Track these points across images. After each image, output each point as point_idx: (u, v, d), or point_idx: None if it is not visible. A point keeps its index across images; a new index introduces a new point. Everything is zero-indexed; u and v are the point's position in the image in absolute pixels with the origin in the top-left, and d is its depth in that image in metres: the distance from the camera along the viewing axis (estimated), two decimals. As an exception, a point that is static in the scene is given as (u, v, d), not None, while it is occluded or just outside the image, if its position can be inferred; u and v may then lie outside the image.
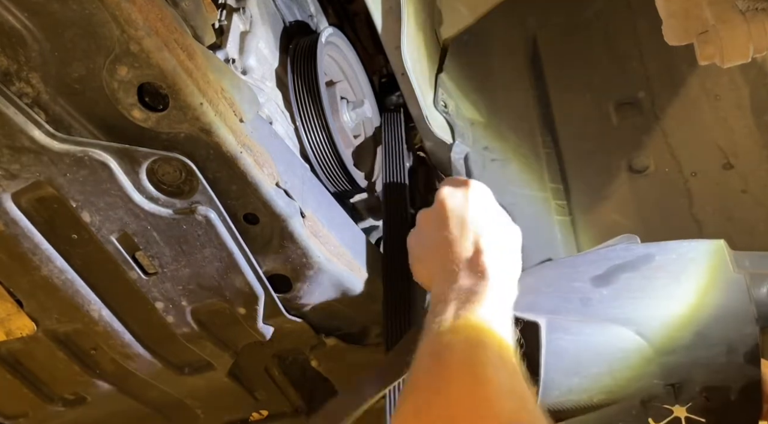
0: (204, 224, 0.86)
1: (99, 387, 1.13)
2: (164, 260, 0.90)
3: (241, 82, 0.95)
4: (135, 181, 0.81)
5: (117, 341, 1.02)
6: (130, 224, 0.85)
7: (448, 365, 0.72)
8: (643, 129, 1.33)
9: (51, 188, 0.81)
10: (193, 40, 0.81)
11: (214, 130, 0.79)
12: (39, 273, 0.90)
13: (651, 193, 1.28)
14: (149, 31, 0.71)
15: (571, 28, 1.44)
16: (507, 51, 1.46)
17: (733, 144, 1.26)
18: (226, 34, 1.04)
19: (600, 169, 1.32)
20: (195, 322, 1.00)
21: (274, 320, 1.01)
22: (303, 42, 1.17)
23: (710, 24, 0.82)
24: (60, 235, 0.88)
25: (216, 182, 0.83)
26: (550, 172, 1.35)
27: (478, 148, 1.36)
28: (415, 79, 1.20)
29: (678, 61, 1.34)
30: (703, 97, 1.31)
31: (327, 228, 0.96)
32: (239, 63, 1.05)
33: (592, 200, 1.31)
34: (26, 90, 0.74)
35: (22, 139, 0.76)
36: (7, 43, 0.70)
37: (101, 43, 0.71)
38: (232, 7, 1.08)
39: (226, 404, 1.28)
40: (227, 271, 0.92)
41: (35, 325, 0.99)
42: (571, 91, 1.40)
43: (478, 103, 1.41)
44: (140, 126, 0.76)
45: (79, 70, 0.73)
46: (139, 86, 0.74)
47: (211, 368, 1.12)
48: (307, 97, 1.11)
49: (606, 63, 1.41)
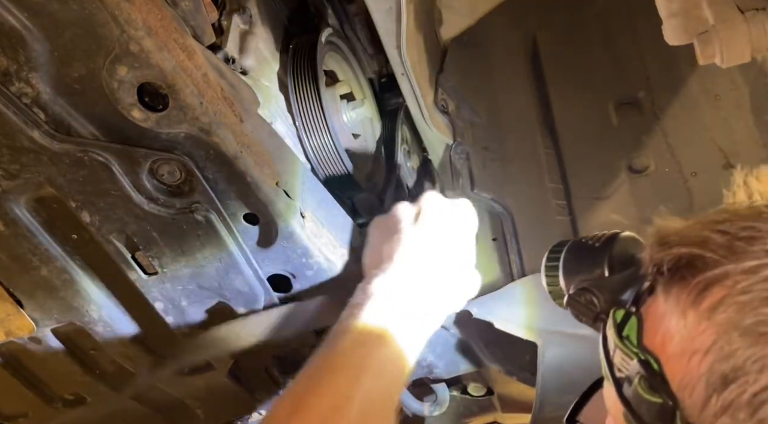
0: (204, 224, 0.86)
1: (99, 387, 1.13)
2: (164, 260, 0.90)
3: (240, 82, 0.96)
4: (135, 181, 0.81)
5: (117, 341, 1.02)
6: (130, 223, 0.85)
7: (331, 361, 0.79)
8: (643, 129, 1.33)
9: (51, 188, 0.81)
10: (193, 40, 0.81)
11: (214, 130, 0.79)
12: (39, 273, 0.90)
13: (651, 193, 1.28)
14: (149, 31, 0.71)
15: (571, 28, 1.44)
16: (507, 51, 1.46)
17: (733, 144, 1.26)
18: (226, 33, 1.04)
19: (600, 169, 1.32)
20: (195, 322, 1.00)
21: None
22: (303, 42, 1.17)
23: (710, 24, 0.82)
24: (60, 235, 0.88)
25: (216, 182, 0.83)
26: (550, 172, 1.35)
27: (478, 148, 1.36)
28: (415, 79, 1.20)
29: (678, 61, 1.34)
30: (703, 97, 1.31)
31: (327, 228, 0.96)
32: (239, 63, 1.05)
33: (592, 200, 1.31)
34: (26, 90, 0.74)
35: (22, 139, 0.76)
36: (7, 43, 0.70)
37: (101, 43, 0.71)
38: (232, 7, 1.08)
39: (226, 404, 1.28)
40: (227, 271, 0.92)
41: (35, 325, 0.99)
42: (571, 91, 1.40)
43: (478, 103, 1.41)
44: (140, 126, 0.76)
45: (79, 70, 0.73)
46: (139, 86, 0.74)
47: (211, 368, 1.12)
48: (307, 98, 1.11)
49: (606, 63, 1.41)
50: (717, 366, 0.49)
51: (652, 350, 0.57)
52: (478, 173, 1.32)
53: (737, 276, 0.51)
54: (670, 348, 0.55)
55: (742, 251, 0.52)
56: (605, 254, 0.76)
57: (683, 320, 0.54)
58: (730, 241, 0.53)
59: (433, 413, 1.39)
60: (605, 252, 0.76)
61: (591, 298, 0.70)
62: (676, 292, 0.55)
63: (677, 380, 0.53)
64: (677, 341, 0.54)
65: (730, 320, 0.50)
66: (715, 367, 0.50)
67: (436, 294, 0.91)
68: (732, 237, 0.53)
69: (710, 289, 0.52)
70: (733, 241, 0.53)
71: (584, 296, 0.71)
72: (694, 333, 0.52)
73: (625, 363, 0.59)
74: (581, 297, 0.71)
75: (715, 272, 0.52)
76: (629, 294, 0.65)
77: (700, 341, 0.51)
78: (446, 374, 1.31)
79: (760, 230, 0.53)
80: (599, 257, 0.76)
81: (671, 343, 0.55)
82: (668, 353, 0.55)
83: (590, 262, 0.77)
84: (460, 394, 1.48)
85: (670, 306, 0.56)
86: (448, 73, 1.37)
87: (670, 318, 0.56)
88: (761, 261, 0.51)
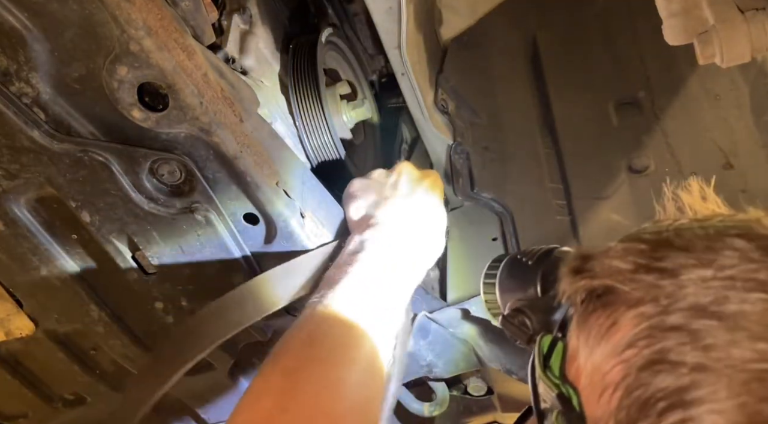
0: (204, 224, 0.86)
1: (99, 387, 1.13)
2: (164, 260, 0.90)
3: (240, 82, 0.96)
4: (135, 181, 0.81)
5: (117, 341, 1.02)
6: (130, 223, 0.85)
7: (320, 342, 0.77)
8: (643, 129, 1.32)
9: (51, 188, 0.81)
10: (193, 39, 0.81)
11: (214, 130, 0.79)
12: (39, 273, 0.90)
13: (651, 193, 1.28)
14: (149, 31, 0.71)
15: (571, 28, 1.44)
16: (507, 51, 1.46)
17: (733, 144, 1.26)
18: (226, 33, 1.05)
19: (600, 169, 1.32)
20: (195, 322, 1.00)
21: (274, 320, 1.01)
22: (303, 42, 1.17)
23: (710, 24, 0.82)
24: (60, 235, 0.88)
25: (216, 182, 0.83)
26: (550, 172, 1.35)
27: (478, 148, 1.36)
28: (415, 79, 1.20)
29: (678, 61, 1.33)
30: (703, 97, 1.31)
31: (327, 228, 0.96)
32: (239, 63, 1.05)
33: (592, 200, 1.31)
34: (26, 90, 0.74)
35: (22, 139, 0.76)
36: (7, 43, 0.70)
37: (101, 43, 0.71)
38: (232, 7, 1.08)
39: (226, 404, 1.28)
40: (227, 271, 0.92)
41: (35, 325, 0.99)
42: (571, 91, 1.39)
43: (478, 103, 1.41)
44: (140, 126, 0.76)
45: (79, 70, 0.73)
46: (139, 86, 0.74)
47: (211, 368, 1.12)
48: (308, 98, 1.11)
49: (606, 63, 1.41)
50: (624, 402, 0.48)
51: (573, 382, 0.55)
52: (478, 173, 1.32)
53: (646, 308, 0.49)
54: (584, 382, 0.53)
55: (651, 284, 0.50)
56: (538, 272, 0.73)
57: (595, 354, 0.52)
58: (639, 272, 0.51)
59: (432, 413, 1.39)
60: (538, 270, 0.74)
61: (524, 319, 0.68)
62: (589, 325, 0.54)
63: (592, 417, 0.51)
64: (589, 375, 0.53)
65: (637, 355, 0.48)
66: (623, 403, 0.48)
67: (416, 250, 0.94)
68: (643, 268, 0.51)
69: (619, 322, 0.51)
70: (643, 273, 0.51)
71: (517, 317, 0.69)
72: (605, 369, 0.50)
73: (547, 394, 0.57)
74: (515, 318, 0.69)
75: (624, 305, 0.51)
76: (558, 317, 0.62)
77: (610, 377, 0.49)
78: (446, 374, 1.31)
79: (671, 260, 0.50)
80: (533, 275, 0.73)
81: (584, 377, 0.53)
82: (582, 387, 0.53)
83: (524, 280, 0.74)
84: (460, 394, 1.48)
85: (582, 339, 0.54)
86: (448, 73, 1.37)
87: (583, 351, 0.54)
88: (672, 293, 0.49)
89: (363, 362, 0.77)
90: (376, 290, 0.84)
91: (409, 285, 0.91)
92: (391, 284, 0.87)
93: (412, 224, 0.94)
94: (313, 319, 0.78)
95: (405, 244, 0.91)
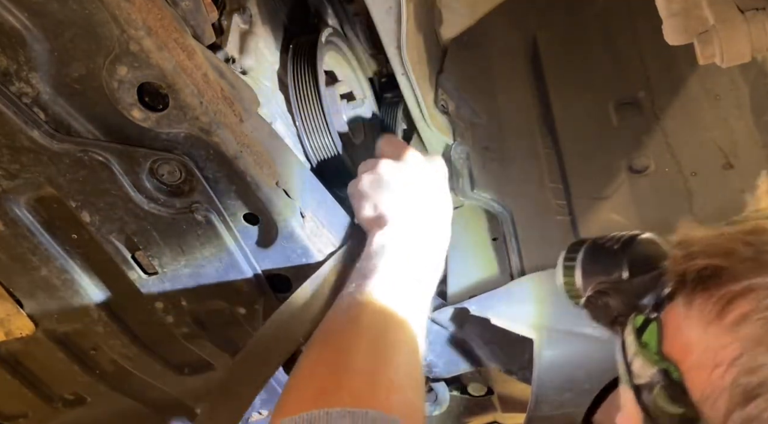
0: (204, 224, 0.86)
1: (99, 387, 1.13)
2: (164, 260, 0.90)
3: (240, 82, 0.96)
4: (135, 181, 0.81)
5: (117, 341, 1.02)
6: (130, 223, 0.85)
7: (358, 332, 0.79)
8: (643, 129, 1.32)
9: (51, 188, 0.81)
10: (193, 39, 0.81)
11: (214, 130, 0.79)
12: (39, 273, 0.90)
13: (651, 193, 1.28)
14: (149, 30, 0.71)
15: (571, 28, 1.44)
16: (507, 51, 1.46)
17: (733, 144, 1.26)
18: (226, 33, 1.04)
19: (600, 169, 1.32)
20: (195, 322, 1.00)
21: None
22: (303, 42, 1.17)
23: (710, 24, 0.82)
24: (60, 235, 0.88)
25: (216, 182, 0.83)
26: (550, 172, 1.35)
27: (478, 148, 1.36)
28: (415, 79, 1.20)
29: (678, 61, 1.33)
30: (703, 97, 1.31)
31: (327, 228, 0.96)
32: (239, 63, 1.05)
33: (592, 200, 1.31)
34: (26, 90, 0.74)
35: (22, 139, 0.76)
36: (7, 43, 0.70)
37: (101, 43, 0.71)
38: (232, 6, 1.08)
39: (226, 404, 1.28)
40: (227, 271, 0.92)
41: (35, 325, 0.99)
42: (571, 91, 1.39)
43: (478, 103, 1.41)
44: (140, 126, 0.76)
45: (79, 70, 0.73)
46: (139, 86, 0.74)
47: (211, 368, 1.12)
48: (307, 98, 1.11)
49: (606, 63, 1.40)
50: (741, 380, 0.49)
51: (673, 359, 0.57)
52: (478, 173, 1.32)
53: (764, 290, 0.51)
54: (691, 359, 0.55)
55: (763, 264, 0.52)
56: (625, 257, 0.76)
57: (706, 333, 0.54)
58: (756, 254, 0.53)
59: (432, 412, 1.39)
60: (625, 255, 0.76)
61: (608, 301, 0.70)
62: (699, 303, 0.55)
63: (698, 391, 0.53)
64: (699, 352, 0.54)
65: (755, 334, 0.50)
66: (739, 381, 0.50)
67: (434, 241, 0.97)
68: (758, 250, 0.53)
69: (735, 302, 0.52)
70: (760, 254, 0.53)
71: (602, 299, 0.71)
72: (718, 346, 0.52)
73: (644, 370, 0.59)
74: (598, 299, 0.71)
75: (740, 285, 0.52)
76: (649, 299, 0.64)
77: (724, 354, 0.51)
78: (446, 374, 1.31)
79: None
80: (618, 260, 0.76)
81: (692, 354, 0.55)
82: (689, 364, 0.55)
83: (609, 264, 0.77)
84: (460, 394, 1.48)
85: (692, 317, 0.56)
86: (448, 73, 1.37)
87: (692, 329, 0.56)
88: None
89: (410, 344, 0.81)
90: (409, 279, 0.88)
91: (436, 274, 0.95)
92: (420, 274, 0.91)
93: (426, 216, 0.97)
94: (355, 306, 0.82)
95: (423, 236, 0.95)
